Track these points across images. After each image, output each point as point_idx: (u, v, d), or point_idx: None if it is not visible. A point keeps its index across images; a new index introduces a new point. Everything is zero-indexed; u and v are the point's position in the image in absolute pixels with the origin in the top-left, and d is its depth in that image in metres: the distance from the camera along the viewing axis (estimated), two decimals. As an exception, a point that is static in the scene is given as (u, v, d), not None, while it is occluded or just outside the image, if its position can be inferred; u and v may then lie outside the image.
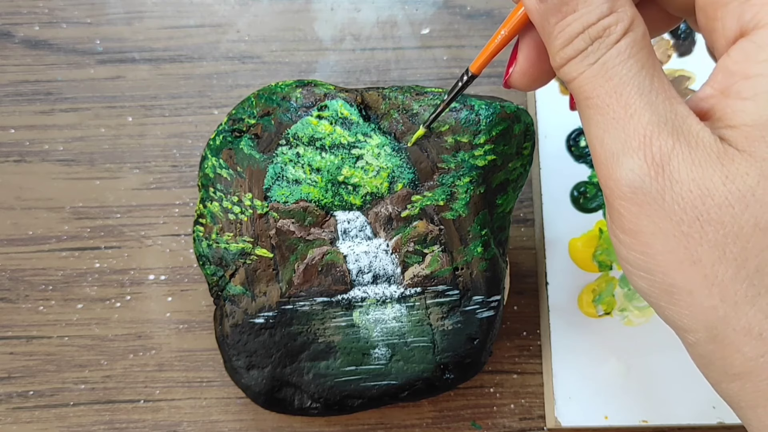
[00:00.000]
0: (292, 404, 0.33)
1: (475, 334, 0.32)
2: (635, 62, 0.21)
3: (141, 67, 0.41)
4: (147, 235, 0.39)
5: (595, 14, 0.21)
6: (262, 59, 0.41)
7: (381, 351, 0.32)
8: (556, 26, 0.22)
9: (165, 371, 0.37)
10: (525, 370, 0.38)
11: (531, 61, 0.25)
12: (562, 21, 0.22)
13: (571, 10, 0.21)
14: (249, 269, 0.32)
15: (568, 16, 0.21)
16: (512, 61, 0.25)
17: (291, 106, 0.32)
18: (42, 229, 0.39)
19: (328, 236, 0.32)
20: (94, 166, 0.39)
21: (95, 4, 0.41)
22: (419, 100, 0.31)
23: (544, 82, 0.25)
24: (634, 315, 0.36)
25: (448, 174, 0.31)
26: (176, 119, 0.40)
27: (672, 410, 0.35)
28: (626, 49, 0.21)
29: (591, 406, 0.35)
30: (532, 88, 0.26)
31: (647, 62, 0.21)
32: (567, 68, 0.22)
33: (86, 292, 0.38)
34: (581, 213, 0.37)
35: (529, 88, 0.26)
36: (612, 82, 0.21)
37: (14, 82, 0.40)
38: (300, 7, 0.42)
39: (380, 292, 0.32)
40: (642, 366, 0.35)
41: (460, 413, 0.37)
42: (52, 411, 0.37)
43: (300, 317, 0.32)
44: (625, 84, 0.21)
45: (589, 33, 0.21)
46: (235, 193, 0.32)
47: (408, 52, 0.41)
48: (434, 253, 0.31)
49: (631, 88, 0.21)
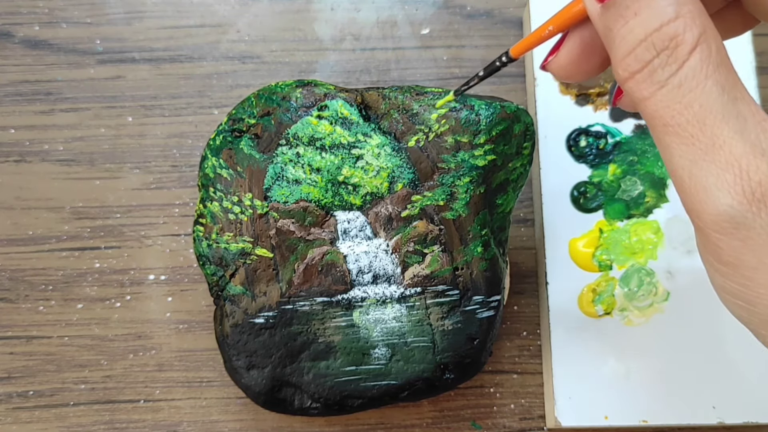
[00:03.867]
0: (292, 404, 0.33)
1: (475, 334, 0.32)
2: (714, 83, 0.19)
3: (141, 67, 0.41)
4: (147, 235, 0.39)
5: (657, 18, 0.19)
6: (262, 59, 0.41)
7: (381, 351, 0.32)
8: (618, 33, 0.20)
9: (165, 371, 0.37)
10: (525, 370, 0.38)
11: (572, 58, 0.24)
12: (624, 27, 0.20)
13: (632, 14, 0.19)
14: (249, 269, 0.32)
15: (630, 20, 0.19)
16: (554, 51, 0.24)
17: (291, 106, 0.32)
18: (42, 229, 0.39)
19: (328, 236, 0.32)
20: (94, 166, 0.39)
21: (95, 4, 0.41)
22: (419, 100, 0.31)
23: (580, 78, 0.24)
24: (634, 315, 0.36)
25: (448, 174, 0.31)
26: (176, 119, 0.40)
27: (672, 410, 0.35)
28: (702, 67, 0.19)
29: (591, 406, 0.35)
30: (567, 80, 0.25)
31: (728, 82, 0.19)
32: (633, 85, 0.20)
33: (86, 292, 0.38)
34: (581, 213, 0.37)
35: (564, 79, 0.25)
36: (692, 109, 0.19)
37: (14, 82, 0.40)
38: (300, 7, 0.42)
39: (380, 292, 0.32)
40: (642, 366, 0.35)
41: (460, 413, 0.37)
42: (52, 411, 0.37)
43: (300, 317, 0.32)
44: (707, 112, 0.19)
45: (653, 41, 0.19)
46: (235, 193, 0.32)
47: (408, 52, 0.41)
48: (434, 253, 0.31)
49: (715, 116, 0.19)
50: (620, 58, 0.20)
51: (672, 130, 0.20)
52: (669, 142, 0.20)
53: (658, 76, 0.19)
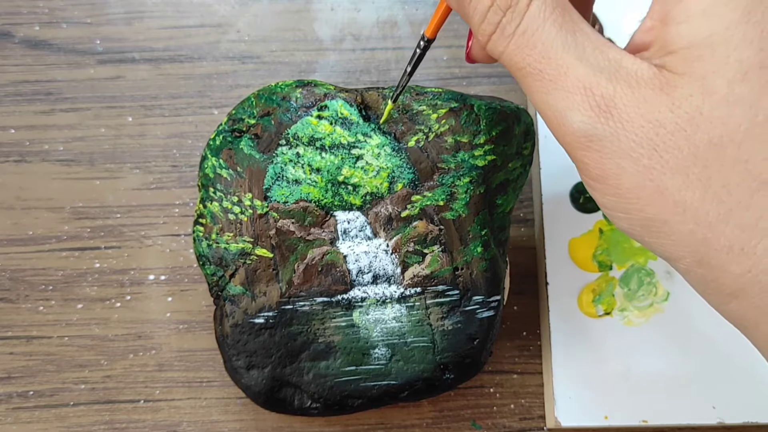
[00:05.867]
0: (292, 404, 0.33)
1: (475, 334, 0.32)
2: (552, 23, 0.21)
3: (141, 67, 0.41)
4: (147, 235, 0.39)
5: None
6: (262, 59, 0.41)
7: (381, 351, 0.32)
8: (469, 6, 0.23)
9: (165, 371, 0.37)
10: (525, 370, 0.38)
11: None
12: (473, 0, 0.22)
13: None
14: (249, 269, 0.32)
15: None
16: (470, 36, 0.26)
17: (291, 106, 0.32)
18: (42, 229, 0.39)
19: (328, 236, 0.32)
20: (94, 166, 0.39)
21: (95, 4, 0.41)
22: (419, 100, 0.31)
23: None
24: (634, 315, 0.36)
25: (448, 174, 0.31)
26: (176, 119, 0.40)
27: (672, 410, 0.35)
28: (539, 13, 0.21)
29: (591, 406, 0.35)
30: (493, 60, 0.26)
31: (565, 19, 0.22)
32: (491, 45, 0.23)
33: (86, 292, 0.38)
34: (581, 213, 0.37)
35: (490, 60, 0.26)
36: (537, 49, 0.22)
37: (14, 82, 0.40)
38: (300, 7, 0.42)
39: (380, 292, 0.32)
40: (642, 366, 0.35)
41: (460, 413, 0.37)
42: (52, 411, 0.37)
43: (300, 317, 0.32)
44: (549, 48, 0.21)
45: (498, 4, 0.22)
46: (235, 193, 0.32)
47: (408, 52, 0.41)
48: (434, 253, 0.31)
49: (556, 50, 0.21)
50: (477, 26, 0.23)
51: (526, 72, 0.22)
52: (527, 83, 0.22)
53: (507, 30, 0.22)
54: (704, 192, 0.20)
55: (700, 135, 0.20)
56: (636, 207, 0.21)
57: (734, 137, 0.20)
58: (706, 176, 0.20)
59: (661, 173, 0.21)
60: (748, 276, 0.20)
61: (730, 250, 0.20)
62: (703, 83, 0.20)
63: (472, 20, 0.23)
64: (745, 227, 0.20)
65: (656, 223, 0.21)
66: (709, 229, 0.20)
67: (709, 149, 0.20)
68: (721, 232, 0.20)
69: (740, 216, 0.20)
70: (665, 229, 0.21)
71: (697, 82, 0.20)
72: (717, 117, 0.20)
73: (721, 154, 0.20)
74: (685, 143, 0.20)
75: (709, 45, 0.20)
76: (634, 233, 0.22)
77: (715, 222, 0.20)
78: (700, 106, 0.20)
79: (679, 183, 0.20)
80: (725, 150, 0.20)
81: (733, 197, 0.20)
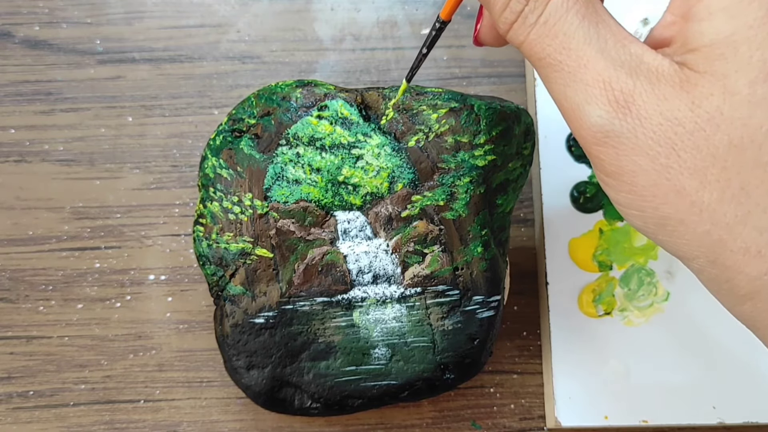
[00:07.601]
0: (292, 404, 0.33)
1: (475, 334, 0.32)
2: (575, 14, 0.21)
3: (141, 67, 0.41)
4: (147, 235, 0.39)
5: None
6: (262, 59, 0.41)
7: (381, 351, 0.32)
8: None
9: (165, 371, 0.37)
10: (525, 370, 0.38)
11: (491, 22, 0.25)
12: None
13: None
14: (249, 269, 0.32)
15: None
16: (479, 18, 0.26)
17: (291, 106, 0.32)
18: (42, 229, 0.39)
19: (328, 236, 0.32)
20: (94, 166, 0.39)
21: (95, 4, 0.41)
22: (419, 100, 0.31)
23: None
24: (634, 315, 0.36)
25: (448, 174, 0.31)
26: (176, 119, 0.40)
27: (672, 410, 0.35)
28: (562, 3, 0.21)
29: (591, 406, 0.35)
30: (502, 43, 0.26)
31: (588, 10, 0.21)
32: (512, 34, 0.22)
33: (86, 292, 0.38)
34: (581, 213, 0.37)
35: (499, 43, 0.26)
36: (558, 39, 0.21)
37: (14, 82, 0.40)
38: (300, 7, 0.42)
39: (380, 292, 0.32)
40: (642, 366, 0.35)
41: (460, 413, 0.37)
42: (52, 411, 0.37)
43: (300, 317, 0.32)
44: (570, 38, 0.21)
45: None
46: (235, 193, 0.32)
47: (408, 52, 0.41)
48: (434, 253, 0.31)
49: (577, 41, 0.21)
50: (498, 14, 0.22)
51: (546, 62, 0.22)
52: (546, 73, 0.22)
53: (529, 19, 0.22)
54: (722, 193, 0.20)
55: (720, 135, 0.20)
56: (651, 205, 0.21)
57: (755, 139, 0.20)
58: (725, 178, 0.20)
59: (679, 173, 0.20)
60: (764, 279, 0.20)
61: (747, 252, 0.20)
62: (725, 83, 0.20)
63: (493, 8, 0.22)
64: (763, 230, 0.20)
65: (672, 222, 0.21)
66: (725, 230, 0.20)
67: (728, 150, 0.20)
68: (738, 234, 0.20)
69: (758, 218, 0.20)
70: (681, 229, 0.21)
71: (718, 81, 0.20)
72: (738, 118, 0.20)
73: (741, 155, 0.20)
74: (704, 143, 0.20)
75: (732, 44, 0.20)
76: (647, 231, 0.22)
77: (732, 223, 0.20)
78: (720, 106, 0.20)
79: (697, 183, 0.20)
80: (745, 151, 0.20)
81: (752, 199, 0.20)
